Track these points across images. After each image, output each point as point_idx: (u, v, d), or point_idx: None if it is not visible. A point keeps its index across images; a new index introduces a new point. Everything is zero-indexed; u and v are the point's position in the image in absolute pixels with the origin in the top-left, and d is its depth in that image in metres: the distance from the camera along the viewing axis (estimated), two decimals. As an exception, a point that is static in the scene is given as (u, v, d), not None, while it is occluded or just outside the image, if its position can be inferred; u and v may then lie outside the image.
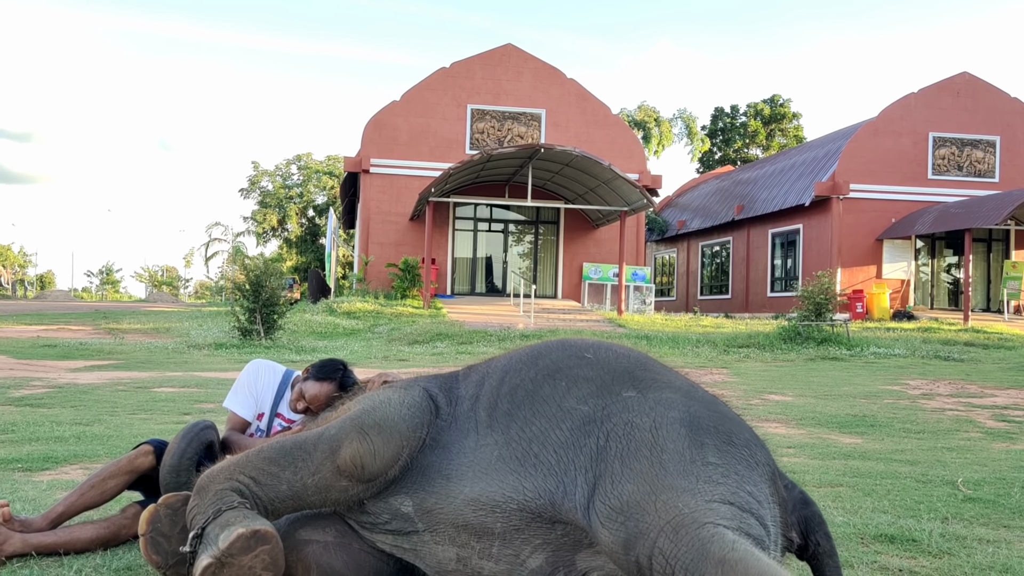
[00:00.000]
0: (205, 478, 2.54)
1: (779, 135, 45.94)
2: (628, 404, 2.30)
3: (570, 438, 2.30)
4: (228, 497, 2.44)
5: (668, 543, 1.95)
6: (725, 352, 14.47)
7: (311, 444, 2.52)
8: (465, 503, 2.35)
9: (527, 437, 2.36)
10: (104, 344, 14.72)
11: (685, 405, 2.30)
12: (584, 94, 24.25)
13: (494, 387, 2.59)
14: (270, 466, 2.50)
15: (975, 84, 23.89)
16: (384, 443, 2.47)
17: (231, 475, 2.50)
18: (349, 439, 2.47)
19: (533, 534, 2.29)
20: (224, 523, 2.36)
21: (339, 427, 2.52)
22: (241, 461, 2.54)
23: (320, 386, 3.30)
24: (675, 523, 1.97)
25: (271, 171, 44.69)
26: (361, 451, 2.45)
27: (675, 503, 2.02)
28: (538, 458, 2.31)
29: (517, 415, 2.43)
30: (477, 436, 2.47)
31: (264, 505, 2.49)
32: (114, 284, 76.56)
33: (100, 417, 6.60)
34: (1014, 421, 7.45)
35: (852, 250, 23.18)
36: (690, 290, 31.25)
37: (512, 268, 24.27)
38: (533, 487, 2.27)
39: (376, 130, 23.39)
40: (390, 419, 2.51)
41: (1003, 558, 3.11)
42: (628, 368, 2.46)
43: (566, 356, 2.55)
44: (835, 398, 8.94)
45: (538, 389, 2.46)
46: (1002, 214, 19.79)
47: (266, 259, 21.86)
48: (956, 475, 4.76)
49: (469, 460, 2.42)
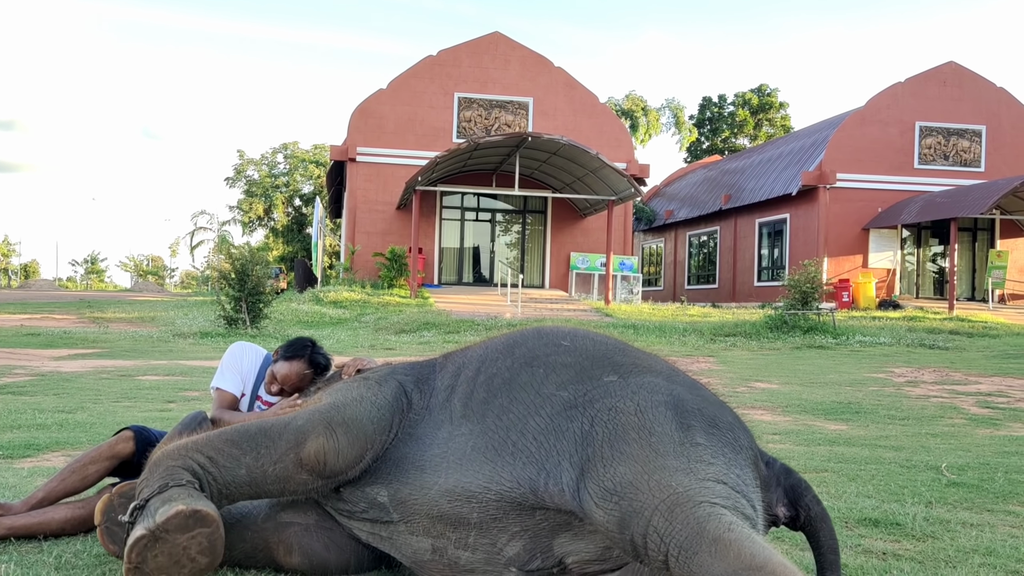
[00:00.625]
0: (160, 453, 2.49)
1: (766, 125, 46.00)
2: (610, 389, 2.29)
3: (551, 424, 2.28)
4: (178, 474, 2.38)
5: (663, 521, 1.95)
6: (712, 341, 14.51)
7: (277, 432, 2.48)
8: (440, 494, 2.33)
9: (504, 425, 2.34)
10: (88, 333, 14.61)
11: (668, 388, 2.30)
12: (572, 83, 24.18)
13: (470, 377, 2.58)
14: (231, 448, 2.45)
15: (961, 74, 23.97)
16: (349, 443, 2.47)
17: (188, 453, 2.45)
18: (316, 433, 2.45)
19: (511, 522, 2.28)
20: (167, 498, 2.29)
21: (307, 419, 2.50)
22: (201, 440, 2.49)
23: (290, 365, 3.31)
24: (670, 502, 1.97)
25: (257, 160, 44.42)
26: (326, 448, 2.44)
27: (669, 482, 2.01)
28: (516, 446, 2.28)
29: (493, 404, 2.42)
30: (451, 427, 2.46)
31: (218, 488, 2.43)
32: (99, 273, 76.02)
33: (83, 405, 6.54)
34: (998, 408, 7.50)
35: (838, 239, 23.27)
36: (677, 280, 31.31)
37: (499, 258, 24.23)
38: (511, 476, 2.24)
39: (362, 118, 23.26)
40: (358, 419, 2.51)
41: (987, 541, 3.12)
42: (606, 353, 2.45)
43: (543, 344, 2.55)
44: (821, 386, 8.98)
45: (515, 377, 2.45)
46: (987, 203, 19.90)
47: (252, 248, 21.70)
48: (940, 460, 4.78)
49: (443, 451, 2.41)
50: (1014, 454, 5.11)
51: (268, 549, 2.64)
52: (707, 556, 1.86)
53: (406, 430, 2.54)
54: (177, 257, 67.20)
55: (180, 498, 2.28)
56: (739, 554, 1.84)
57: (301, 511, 2.67)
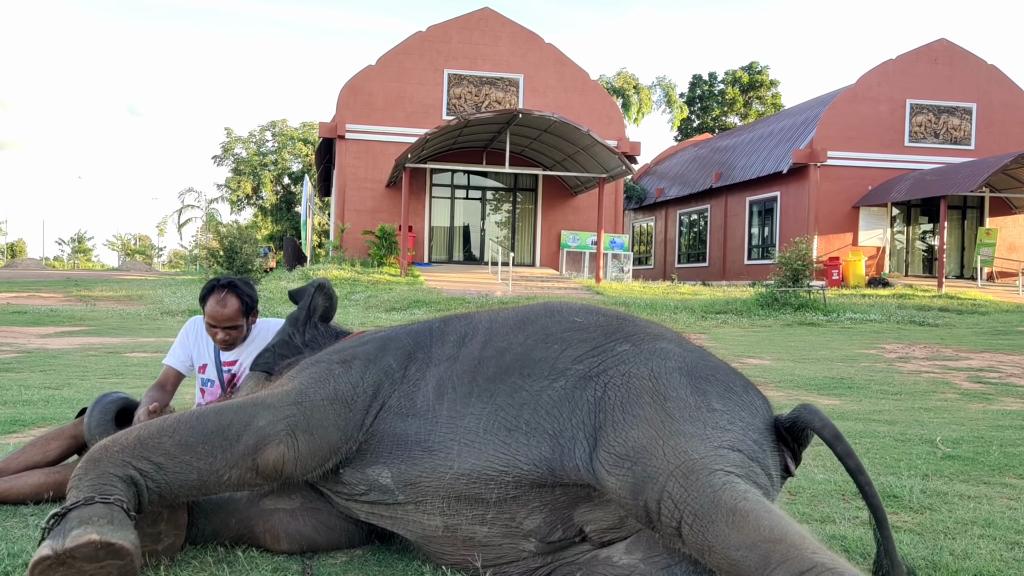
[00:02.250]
0: (100, 449, 2.27)
1: (757, 103, 45.86)
2: (623, 357, 2.27)
3: (564, 395, 2.23)
4: (109, 486, 2.16)
5: (678, 488, 1.92)
6: (703, 318, 14.51)
7: (235, 433, 2.28)
8: (455, 477, 2.25)
9: (518, 403, 2.27)
10: (75, 311, 14.49)
11: (680, 354, 2.28)
12: (562, 59, 23.99)
13: (477, 349, 2.46)
14: (183, 453, 2.25)
15: (952, 51, 23.91)
16: (311, 452, 2.33)
17: (132, 458, 2.23)
18: (276, 440, 2.27)
19: (531, 498, 2.23)
20: (85, 518, 2.07)
21: (269, 420, 2.31)
22: (150, 442, 2.27)
23: (210, 304, 3.38)
24: (685, 468, 1.94)
25: (245, 138, 44.04)
26: (286, 457, 2.28)
27: (684, 448, 1.98)
28: (530, 424, 2.22)
29: (506, 381, 2.33)
30: (457, 402, 2.34)
31: (160, 493, 2.25)
32: (86, 253, 75.49)
33: (70, 381, 6.47)
34: (989, 383, 7.51)
35: (829, 217, 23.27)
36: (668, 258, 31.30)
37: (490, 236, 24.13)
38: (528, 458, 2.18)
39: (351, 95, 23.04)
40: (324, 426, 2.35)
41: (985, 513, 3.10)
42: (619, 326, 2.42)
43: (555, 321, 2.48)
44: (813, 362, 8.98)
45: (529, 353, 2.37)
46: (977, 181, 19.91)
47: (240, 226, 21.54)
48: (934, 434, 4.77)
49: (451, 430, 2.30)
50: (1008, 427, 5.11)
51: (254, 537, 2.56)
52: (723, 526, 1.82)
53: (404, 404, 2.41)
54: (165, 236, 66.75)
55: (97, 522, 2.05)
56: (757, 526, 1.80)
57: (285, 496, 2.57)
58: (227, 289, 3.40)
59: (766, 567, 1.74)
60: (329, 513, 2.56)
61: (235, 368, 3.49)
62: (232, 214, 45.99)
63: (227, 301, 3.37)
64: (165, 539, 2.37)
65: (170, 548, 2.38)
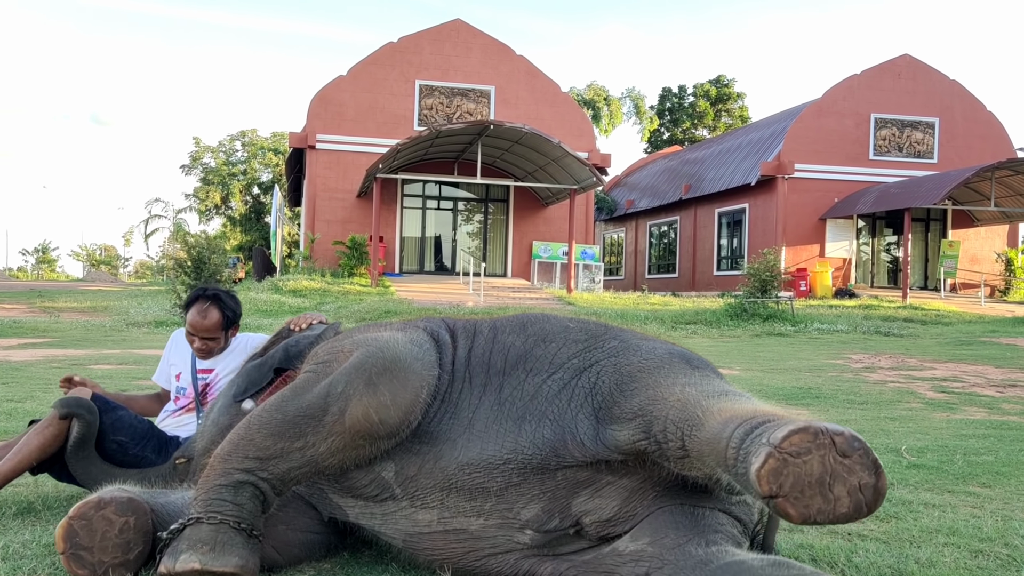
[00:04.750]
0: (213, 461, 2.32)
1: (725, 116, 46.39)
2: (614, 351, 2.42)
3: (562, 385, 2.36)
4: (219, 502, 2.23)
5: (676, 413, 2.05)
6: (673, 328, 14.60)
7: (317, 407, 2.26)
8: (459, 468, 2.28)
9: (522, 395, 2.37)
10: (39, 322, 14.24)
11: (669, 348, 2.44)
12: (534, 71, 24.10)
13: (486, 345, 2.54)
14: (277, 442, 2.26)
15: (916, 66, 24.37)
16: (398, 389, 2.25)
17: (235, 463, 2.27)
18: (357, 395, 2.22)
19: (531, 486, 2.27)
20: (193, 542, 2.18)
21: (344, 381, 2.26)
22: (242, 441, 2.30)
23: (192, 313, 3.42)
24: (682, 400, 2.08)
25: (214, 147, 43.69)
26: (373, 405, 2.21)
27: (683, 390, 2.14)
28: (532, 413, 2.31)
29: (511, 376, 2.43)
30: (471, 395, 2.41)
31: (278, 484, 2.29)
32: (51, 263, 74.24)
33: (33, 394, 6.35)
34: (953, 392, 7.63)
35: (796, 229, 23.57)
36: (638, 269, 31.49)
37: (461, 246, 24.12)
38: (531, 443, 2.26)
39: (322, 105, 22.95)
40: (400, 360, 2.30)
41: (949, 521, 3.14)
42: (609, 330, 2.58)
43: (552, 325, 2.61)
44: (781, 372, 9.07)
45: (530, 351, 2.49)
46: (940, 194, 20.28)
47: (209, 236, 21.33)
48: (900, 443, 4.83)
49: (459, 423, 2.34)
50: (971, 436, 5.19)
51: None
52: (709, 420, 1.96)
53: None
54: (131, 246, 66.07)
55: (200, 549, 2.16)
56: (731, 405, 1.99)
57: None
58: (211, 301, 3.42)
59: (725, 426, 1.89)
60: (287, 529, 2.51)
61: (210, 377, 3.47)
62: (200, 224, 45.57)
63: (208, 313, 3.40)
64: (135, 548, 2.33)
65: (140, 556, 2.34)
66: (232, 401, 2.86)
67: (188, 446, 3.11)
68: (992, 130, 24.54)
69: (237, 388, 2.87)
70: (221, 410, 2.87)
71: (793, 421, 1.80)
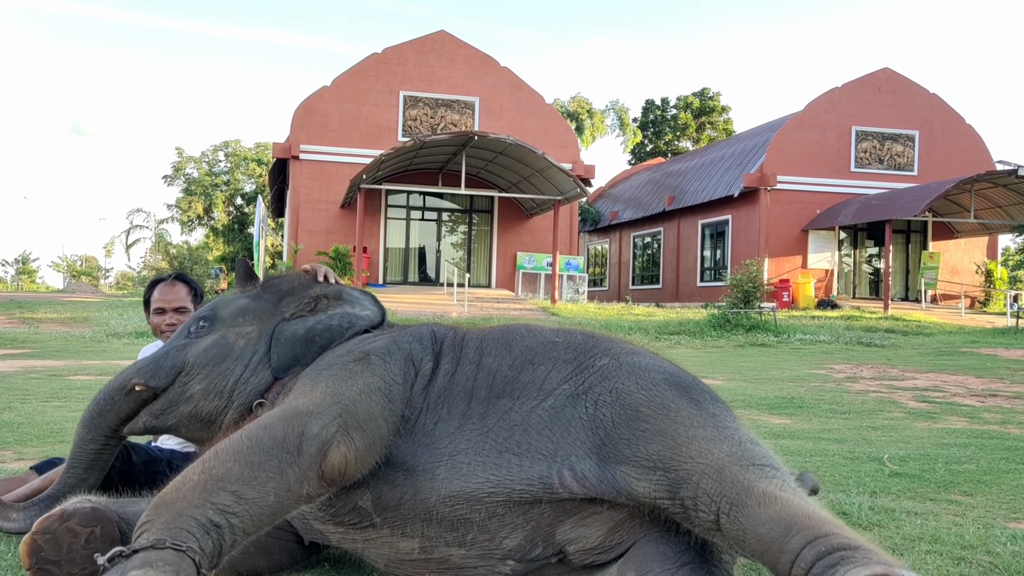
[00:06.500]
0: (171, 490, 1.99)
1: (709, 128, 46.68)
2: (606, 372, 2.29)
3: (554, 414, 2.23)
4: (185, 532, 1.90)
5: (712, 483, 1.96)
6: (657, 339, 14.63)
7: (294, 446, 2.07)
8: (439, 501, 2.18)
9: (508, 425, 2.24)
10: (18, 333, 14.08)
11: (659, 366, 2.33)
12: (518, 83, 24.18)
13: (470, 370, 2.41)
14: (256, 473, 2.01)
15: (896, 80, 24.64)
16: (367, 447, 2.17)
17: (207, 492, 1.96)
18: (336, 442, 2.10)
19: (516, 516, 2.19)
20: (151, 561, 1.83)
21: (321, 423, 2.11)
22: (218, 470, 2.00)
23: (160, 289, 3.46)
24: (716, 466, 1.99)
25: (197, 157, 43.44)
26: (347, 457, 2.12)
27: (711, 449, 2.04)
28: (521, 445, 2.19)
29: (497, 404, 2.30)
30: (449, 424, 2.28)
31: (244, 526, 1.97)
32: (30, 274, 73.46)
33: (11, 404, 6.27)
34: (934, 402, 7.68)
35: (779, 240, 23.71)
36: (622, 280, 31.57)
37: (446, 257, 24.10)
38: (521, 477, 2.15)
39: (306, 116, 22.92)
40: (374, 417, 2.21)
41: (931, 529, 3.15)
42: (596, 343, 2.46)
43: (538, 342, 2.47)
44: (764, 381, 9.09)
45: (518, 376, 2.36)
46: (920, 206, 20.48)
47: (191, 247, 21.21)
48: (882, 452, 4.85)
49: (439, 454, 2.23)
50: (952, 445, 5.22)
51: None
52: (755, 507, 1.88)
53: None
54: (112, 257, 65.19)
55: (163, 568, 1.81)
56: (787, 503, 1.88)
57: None
58: (174, 278, 3.51)
59: (787, 535, 1.80)
60: (254, 552, 2.39)
61: None
62: (183, 235, 45.26)
63: (175, 285, 3.47)
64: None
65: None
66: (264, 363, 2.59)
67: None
68: (971, 143, 24.82)
69: (279, 360, 2.57)
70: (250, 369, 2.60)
71: (869, 558, 1.71)
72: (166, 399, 2.60)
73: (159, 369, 2.60)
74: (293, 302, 2.77)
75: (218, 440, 2.22)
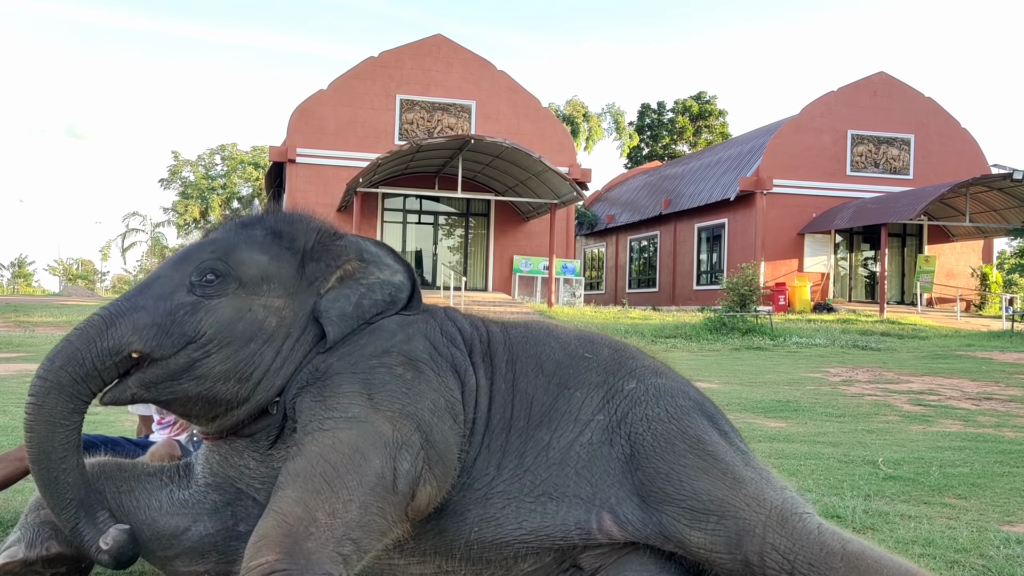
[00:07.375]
0: (302, 530, 1.78)
1: (705, 131, 46.71)
2: (635, 398, 2.21)
3: (592, 452, 2.12)
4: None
5: (780, 538, 1.94)
6: (653, 342, 14.63)
7: (390, 482, 1.88)
8: (465, 544, 2.07)
9: (547, 464, 2.09)
10: (13, 337, 14.05)
11: (684, 391, 2.29)
12: (514, 86, 24.20)
13: (507, 393, 2.19)
14: (371, 517, 1.85)
15: (891, 84, 24.69)
16: (444, 483, 2.02)
17: (339, 543, 1.79)
18: (424, 479, 1.95)
19: (543, 557, 2.12)
20: None
21: (411, 457, 1.93)
22: (345, 516, 1.81)
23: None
24: (777, 516, 1.96)
25: (193, 161, 43.50)
26: (431, 496, 1.99)
27: (763, 495, 2.00)
28: (559, 489, 2.07)
29: (535, 437, 2.13)
30: (489, 463, 2.10)
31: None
32: (26, 278, 73.26)
33: (5, 408, 6.26)
34: (929, 405, 7.70)
35: (775, 244, 23.74)
36: (619, 283, 31.57)
37: (442, 260, 24.10)
38: (557, 524, 2.05)
39: (303, 119, 22.92)
40: (449, 446, 2.04)
41: (925, 532, 3.16)
42: (620, 360, 2.32)
43: (567, 356, 2.29)
44: (760, 385, 9.11)
45: (554, 403, 2.19)
46: (916, 209, 20.51)
47: (187, 250, 21.15)
48: (876, 455, 4.86)
49: (473, 495, 2.08)
50: (947, 449, 5.23)
51: None
52: (843, 570, 1.89)
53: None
54: (108, 261, 65.25)
55: None
56: (876, 565, 1.89)
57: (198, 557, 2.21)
58: None
59: None
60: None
61: None
62: (179, 238, 45.27)
63: None
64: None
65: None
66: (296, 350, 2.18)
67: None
68: (967, 146, 24.88)
69: (336, 329, 2.17)
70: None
71: None
72: (165, 369, 2.05)
73: (165, 336, 2.04)
74: (318, 268, 2.28)
75: (291, 456, 1.95)
